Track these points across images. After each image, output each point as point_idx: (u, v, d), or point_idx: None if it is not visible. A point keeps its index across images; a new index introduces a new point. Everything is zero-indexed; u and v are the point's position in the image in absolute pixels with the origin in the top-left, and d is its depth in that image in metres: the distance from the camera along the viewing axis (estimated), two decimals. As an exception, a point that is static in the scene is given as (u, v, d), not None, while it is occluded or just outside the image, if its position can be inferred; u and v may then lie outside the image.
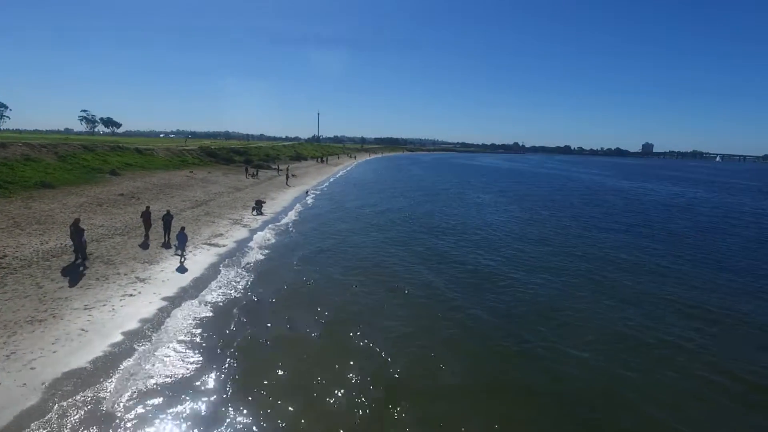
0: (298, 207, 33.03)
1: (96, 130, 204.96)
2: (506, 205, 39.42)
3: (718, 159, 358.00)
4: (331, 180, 58.54)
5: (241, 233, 22.63)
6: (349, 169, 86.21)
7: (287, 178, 47.91)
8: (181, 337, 11.03)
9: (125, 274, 14.78)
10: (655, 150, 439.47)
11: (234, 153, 73.81)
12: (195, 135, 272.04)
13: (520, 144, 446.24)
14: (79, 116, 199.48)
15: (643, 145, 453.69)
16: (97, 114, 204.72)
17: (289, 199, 36.73)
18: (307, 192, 42.70)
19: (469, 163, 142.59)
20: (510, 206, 38.44)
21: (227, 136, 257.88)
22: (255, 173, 49.01)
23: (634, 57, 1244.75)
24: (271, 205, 32.59)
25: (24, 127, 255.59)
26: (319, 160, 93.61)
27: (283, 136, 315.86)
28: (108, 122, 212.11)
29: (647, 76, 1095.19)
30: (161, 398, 8.57)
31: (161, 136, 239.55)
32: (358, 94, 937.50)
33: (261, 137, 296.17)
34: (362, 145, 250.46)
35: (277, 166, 60.84)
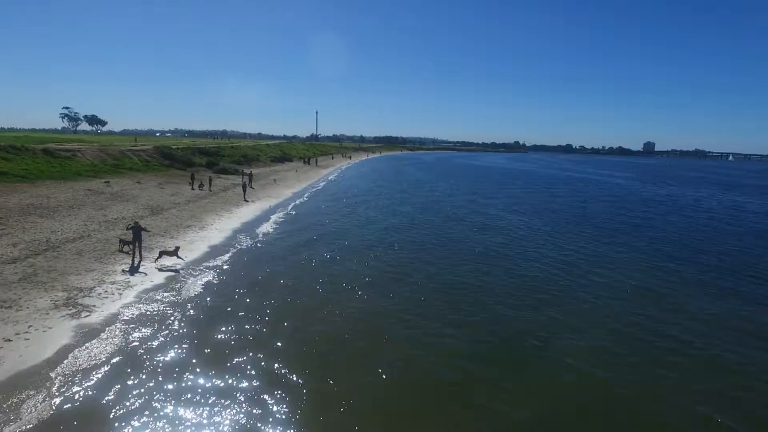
0: (238, 246, 20.31)
1: (79, 128, 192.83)
2: (560, 236, 26.76)
3: (731, 158, 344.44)
4: (312, 189, 45.71)
5: (45, 347, 9.94)
6: (340, 172, 73.52)
7: (245, 189, 35.07)
8: None
9: None
10: (656, 149, 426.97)
11: (201, 154, 61.26)
12: (192, 134, 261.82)
13: (521, 143, 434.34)
14: (61, 113, 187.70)
15: (644, 144, 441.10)
16: (90, 112, 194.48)
17: (231, 227, 23.98)
18: (269, 211, 30.03)
19: (474, 163, 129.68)
20: (566, 238, 25.79)
21: (224, 134, 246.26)
22: (201, 184, 36.13)
23: (633, 56, 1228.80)
24: (191, 242, 19.90)
25: (20, 126, 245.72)
26: (306, 161, 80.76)
27: (281, 135, 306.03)
28: (92, 120, 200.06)
29: (645, 74, 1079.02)
30: None
31: (157, 135, 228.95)
32: (357, 93, 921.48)
33: (259, 136, 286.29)
34: (360, 144, 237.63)
35: (242, 171, 48.05)
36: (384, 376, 9.87)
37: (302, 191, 43.00)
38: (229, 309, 12.95)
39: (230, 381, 9.27)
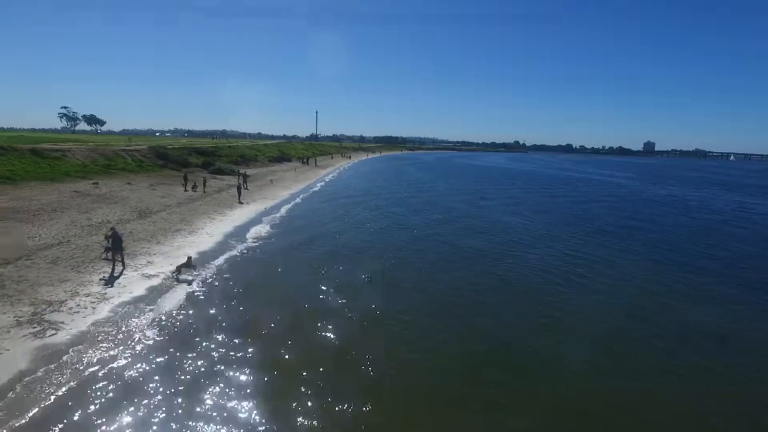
0: (229, 252, 19.22)
1: (78, 128, 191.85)
2: (561, 239, 25.74)
3: (732, 158, 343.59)
4: (310, 191, 44.61)
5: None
6: (339, 172, 72.42)
7: (240, 190, 34.01)
8: None
9: None
10: (656, 148, 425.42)
11: (197, 154, 60.21)
12: (191, 134, 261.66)
13: (521, 143, 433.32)
14: (59, 113, 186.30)
15: (644, 144, 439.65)
16: (90, 112, 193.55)
17: (223, 231, 22.87)
18: (263, 213, 28.94)
19: (474, 163, 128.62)
20: (567, 241, 24.77)
21: (224, 134, 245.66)
22: (195, 185, 35.08)
23: (633, 56, 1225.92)
24: (179, 248, 18.80)
25: (20, 126, 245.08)
26: (304, 161, 79.67)
27: (281, 135, 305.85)
28: (91, 120, 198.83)
29: (645, 74, 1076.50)
30: None
31: (157, 135, 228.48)
32: (357, 93, 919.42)
33: (259, 135, 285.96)
34: (360, 144, 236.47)
35: (237, 172, 47.00)
36: (379, 383, 9.18)
37: (299, 192, 41.91)
38: (211, 326, 11.86)
39: (206, 415, 8.22)
